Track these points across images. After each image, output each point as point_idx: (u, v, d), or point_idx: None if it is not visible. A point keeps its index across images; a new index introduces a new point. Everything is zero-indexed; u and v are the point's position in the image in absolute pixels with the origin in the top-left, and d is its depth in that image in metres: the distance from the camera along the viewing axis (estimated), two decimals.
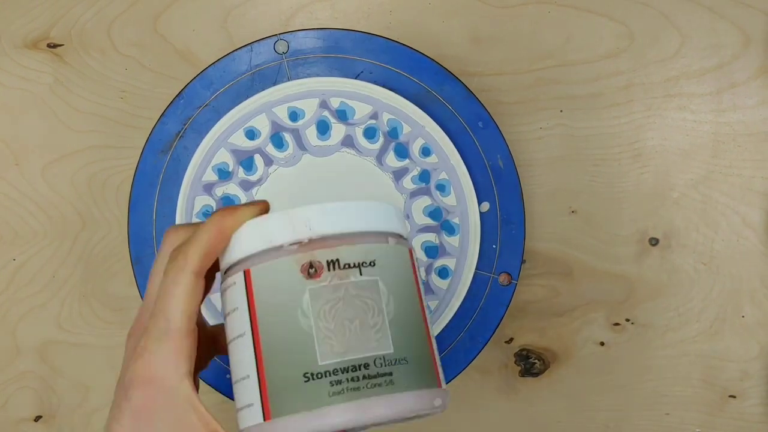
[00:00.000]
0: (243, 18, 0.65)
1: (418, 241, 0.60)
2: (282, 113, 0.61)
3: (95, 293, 0.67)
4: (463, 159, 0.60)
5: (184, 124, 0.60)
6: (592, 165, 0.65)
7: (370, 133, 0.61)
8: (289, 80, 0.60)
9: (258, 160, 0.61)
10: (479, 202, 0.60)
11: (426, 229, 0.61)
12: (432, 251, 0.60)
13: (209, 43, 0.65)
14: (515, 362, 0.67)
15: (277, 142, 0.61)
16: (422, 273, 0.60)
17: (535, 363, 0.67)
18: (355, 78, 0.60)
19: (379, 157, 0.61)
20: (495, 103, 0.64)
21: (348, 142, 0.61)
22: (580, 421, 0.68)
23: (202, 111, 0.60)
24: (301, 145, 0.61)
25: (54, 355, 0.67)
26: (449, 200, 0.61)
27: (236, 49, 0.60)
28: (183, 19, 0.65)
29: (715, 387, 0.67)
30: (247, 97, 0.61)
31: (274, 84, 0.60)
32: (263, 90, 0.60)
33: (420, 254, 0.60)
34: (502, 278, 0.60)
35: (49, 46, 0.65)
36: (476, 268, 0.60)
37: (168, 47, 0.65)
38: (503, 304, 0.60)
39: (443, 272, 0.60)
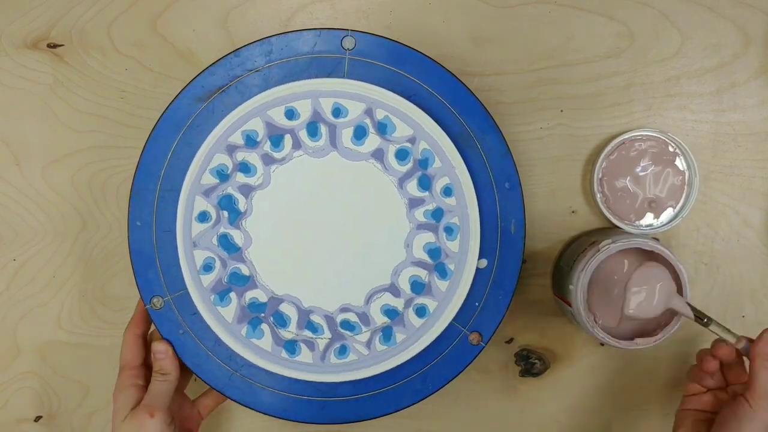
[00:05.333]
0: (243, 18, 0.65)
1: (407, 273, 0.61)
2: (326, 105, 0.60)
3: (95, 293, 0.67)
4: (480, 212, 0.60)
5: (230, 82, 0.59)
6: (592, 165, 0.65)
7: (402, 155, 0.61)
8: (344, 77, 0.60)
9: (287, 140, 0.60)
10: (479, 257, 0.61)
11: (419, 264, 0.60)
12: (418, 287, 0.60)
13: (209, 43, 0.65)
14: (515, 362, 0.67)
15: (312, 130, 0.60)
16: (401, 305, 0.61)
17: (535, 363, 0.67)
18: (407, 98, 0.60)
19: (402, 180, 0.61)
20: (495, 103, 0.64)
21: (378, 155, 0.61)
22: (580, 421, 0.68)
23: (252, 75, 0.60)
24: (333, 141, 0.60)
25: (54, 355, 0.67)
26: (452, 245, 0.60)
27: (305, 29, 0.60)
28: (183, 19, 0.65)
29: None
30: (300, 78, 0.60)
31: (329, 75, 0.60)
32: (317, 78, 0.60)
33: (405, 286, 0.61)
34: (473, 337, 0.60)
35: (49, 46, 0.65)
36: (453, 319, 0.60)
37: (168, 47, 0.65)
38: (464, 362, 0.61)
39: (420, 311, 0.60)
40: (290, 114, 0.60)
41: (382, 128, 0.60)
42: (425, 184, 0.61)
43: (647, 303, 0.57)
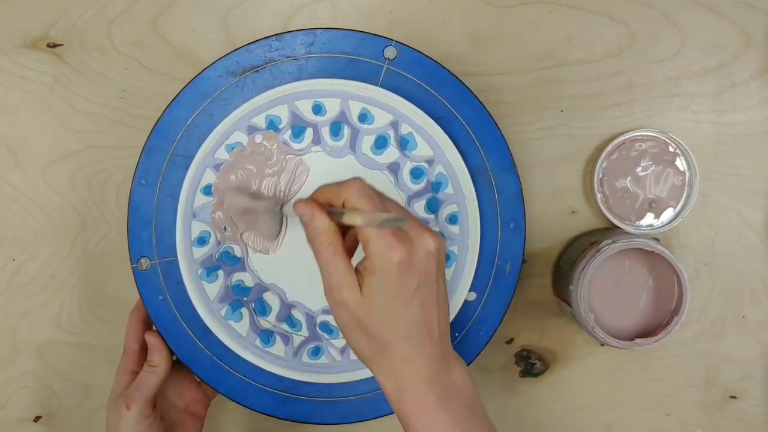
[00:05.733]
0: (243, 18, 0.65)
1: None
2: (355, 109, 0.60)
3: (95, 293, 0.67)
4: (480, 247, 0.61)
5: (266, 64, 0.60)
6: (592, 165, 0.65)
7: (417, 173, 0.61)
8: (378, 85, 0.60)
9: (308, 133, 0.61)
10: (470, 290, 0.61)
11: None
12: None
13: (209, 43, 0.65)
14: (515, 362, 0.67)
15: (335, 129, 0.60)
16: None
17: (535, 363, 0.67)
18: (435, 119, 0.60)
19: (411, 198, 0.61)
20: (495, 103, 0.64)
21: (394, 168, 0.61)
22: (580, 421, 0.68)
23: (288, 62, 0.60)
24: (353, 145, 0.60)
25: (54, 355, 0.67)
26: (447, 272, 0.61)
27: (351, 30, 0.60)
28: (183, 19, 0.65)
29: (716, 387, 0.67)
30: (335, 76, 0.60)
31: (363, 80, 0.60)
32: (352, 80, 0.60)
33: None
34: None
35: (49, 46, 0.65)
36: None
37: (168, 47, 0.65)
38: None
39: None
40: (317, 109, 0.60)
41: (403, 143, 0.61)
42: (433, 207, 0.61)
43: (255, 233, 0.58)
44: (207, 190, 0.60)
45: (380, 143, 0.61)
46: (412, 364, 0.49)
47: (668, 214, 0.65)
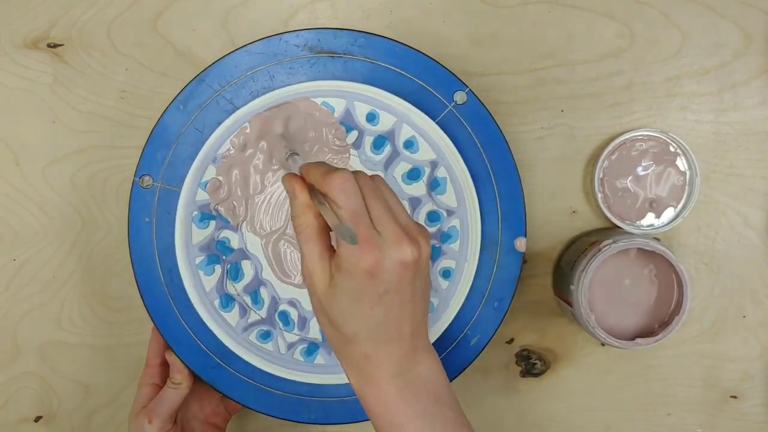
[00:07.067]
0: (243, 18, 0.65)
1: None
2: (404, 133, 0.61)
3: (95, 293, 0.67)
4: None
5: (344, 54, 0.60)
6: (592, 165, 0.65)
7: (433, 217, 0.62)
8: (436, 122, 0.60)
9: (353, 135, 0.61)
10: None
11: None
12: None
13: (209, 43, 0.65)
14: (516, 362, 0.67)
15: (379, 143, 0.61)
16: None
17: (536, 363, 0.67)
18: (471, 175, 0.60)
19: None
20: (495, 103, 0.64)
21: (414, 203, 0.62)
22: (581, 422, 0.68)
23: (363, 62, 0.60)
24: (388, 165, 0.61)
25: (54, 355, 0.67)
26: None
27: (435, 60, 0.60)
28: (183, 19, 0.65)
29: (716, 387, 0.67)
30: (401, 94, 0.60)
31: (425, 110, 0.60)
32: (416, 106, 0.60)
33: None
34: None
35: (49, 46, 0.65)
36: None
37: (168, 47, 0.65)
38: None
39: None
40: (372, 117, 0.61)
41: (434, 184, 0.62)
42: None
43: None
44: (233, 147, 0.60)
45: (413, 175, 0.61)
46: (373, 361, 0.49)
47: (669, 213, 0.65)
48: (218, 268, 0.61)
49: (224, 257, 0.61)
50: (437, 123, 0.60)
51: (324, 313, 0.49)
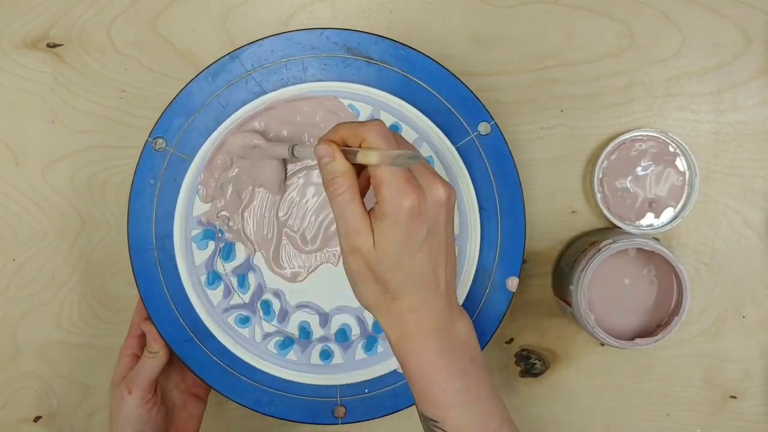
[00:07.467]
0: (243, 18, 0.65)
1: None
2: (423, 152, 0.60)
3: (95, 293, 0.67)
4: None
5: (380, 62, 0.60)
6: (592, 165, 0.65)
7: None
8: (456, 148, 0.60)
9: None
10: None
11: None
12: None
13: (209, 43, 0.65)
14: (515, 363, 0.67)
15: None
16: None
17: (535, 363, 0.67)
18: (480, 209, 0.60)
19: None
20: (495, 103, 0.64)
21: None
22: (580, 422, 0.68)
23: (397, 73, 0.60)
24: None
25: (54, 355, 0.67)
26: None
27: (464, 85, 0.60)
28: (183, 19, 0.65)
29: (716, 387, 0.67)
30: (427, 113, 0.60)
31: (448, 134, 0.60)
32: (441, 128, 0.60)
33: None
34: None
35: (49, 46, 0.65)
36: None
37: (168, 47, 0.65)
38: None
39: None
40: (395, 129, 0.60)
41: None
42: None
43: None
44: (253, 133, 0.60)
45: None
46: (418, 313, 0.50)
47: (668, 214, 0.65)
48: (212, 244, 0.61)
49: (220, 235, 0.61)
50: (457, 148, 0.60)
51: (370, 273, 0.49)
